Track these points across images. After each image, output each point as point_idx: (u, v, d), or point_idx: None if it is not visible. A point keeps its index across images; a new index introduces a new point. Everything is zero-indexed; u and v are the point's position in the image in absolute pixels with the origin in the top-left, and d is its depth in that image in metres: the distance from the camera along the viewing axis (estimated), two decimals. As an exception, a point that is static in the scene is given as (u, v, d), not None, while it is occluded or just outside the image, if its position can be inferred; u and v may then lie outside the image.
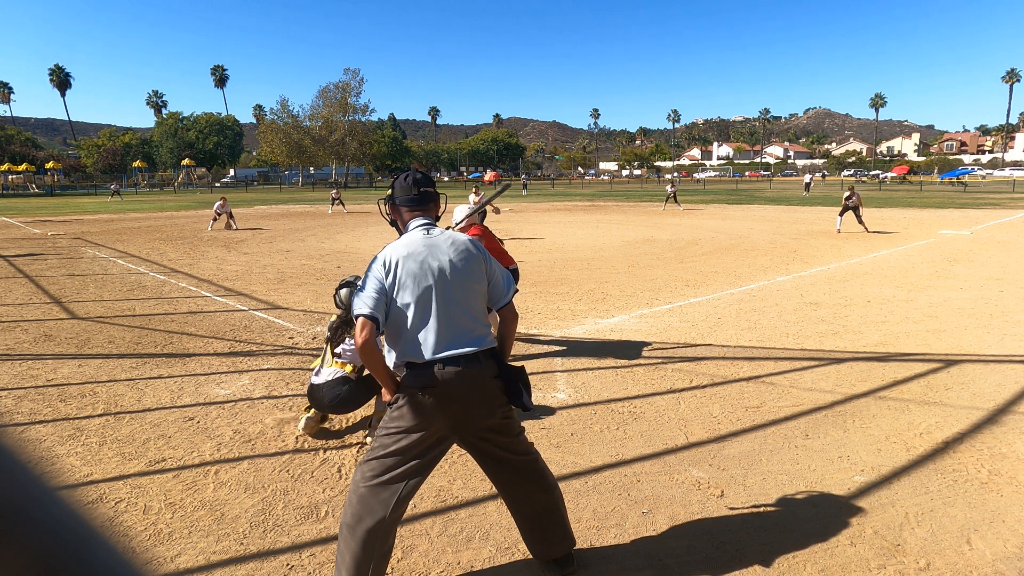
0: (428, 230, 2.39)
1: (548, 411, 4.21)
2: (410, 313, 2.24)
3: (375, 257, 2.33)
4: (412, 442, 2.23)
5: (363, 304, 2.24)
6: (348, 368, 3.76)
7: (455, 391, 2.22)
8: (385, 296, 2.26)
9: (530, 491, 2.43)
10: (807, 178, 43.16)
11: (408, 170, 2.52)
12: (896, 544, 2.66)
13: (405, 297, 2.25)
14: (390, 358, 2.32)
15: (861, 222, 15.47)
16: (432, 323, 2.25)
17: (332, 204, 28.34)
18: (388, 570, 2.52)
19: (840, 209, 15.92)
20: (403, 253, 2.29)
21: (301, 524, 2.88)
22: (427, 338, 2.24)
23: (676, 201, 27.38)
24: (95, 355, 5.58)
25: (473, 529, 2.83)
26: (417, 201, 2.43)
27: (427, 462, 2.28)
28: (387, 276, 2.27)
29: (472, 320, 2.31)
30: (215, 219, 18.92)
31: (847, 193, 15.60)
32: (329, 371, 3.76)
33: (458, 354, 2.24)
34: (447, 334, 2.25)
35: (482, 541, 2.74)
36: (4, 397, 4.51)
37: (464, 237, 2.42)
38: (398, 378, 2.33)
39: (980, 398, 4.33)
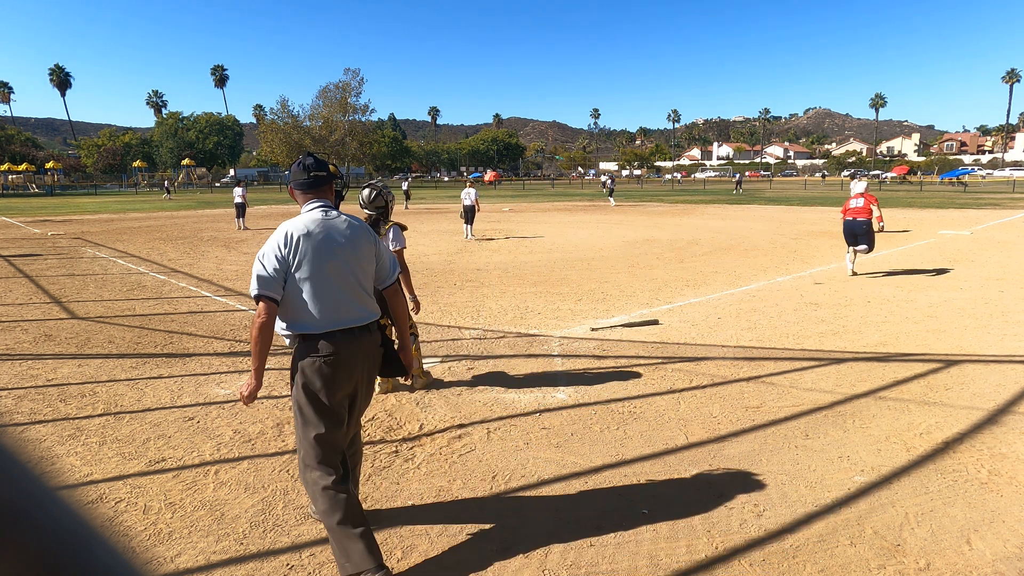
0: (326, 211, 2.57)
1: (548, 411, 4.21)
2: (308, 287, 2.42)
3: (276, 232, 2.47)
4: (327, 411, 2.43)
5: (263, 285, 2.39)
6: None
7: (350, 358, 2.45)
8: (284, 274, 2.41)
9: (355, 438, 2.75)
10: (736, 176, 45.76)
11: (303, 156, 2.66)
12: (896, 544, 2.66)
13: (304, 272, 2.41)
14: (280, 327, 2.49)
15: None
16: (329, 297, 2.44)
17: (407, 200, 28.89)
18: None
19: None
20: (303, 231, 2.45)
21: (301, 524, 2.88)
22: (325, 310, 2.43)
23: (610, 195, 30.21)
24: (95, 355, 5.58)
25: (473, 529, 2.83)
26: (310, 185, 2.60)
27: (341, 418, 2.50)
28: (288, 252, 2.42)
29: (365, 294, 2.57)
30: (240, 201, 18.78)
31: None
32: None
33: (353, 325, 2.47)
34: (343, 307, 2.47)
35: (482, 541, 2.74)
36: (4, 397, 4.51)
37: (360, 221, 2.64)
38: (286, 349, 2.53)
39: (980, 398, 4.33)
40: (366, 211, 4.47)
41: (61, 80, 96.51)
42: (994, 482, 3.17)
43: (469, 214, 15.37)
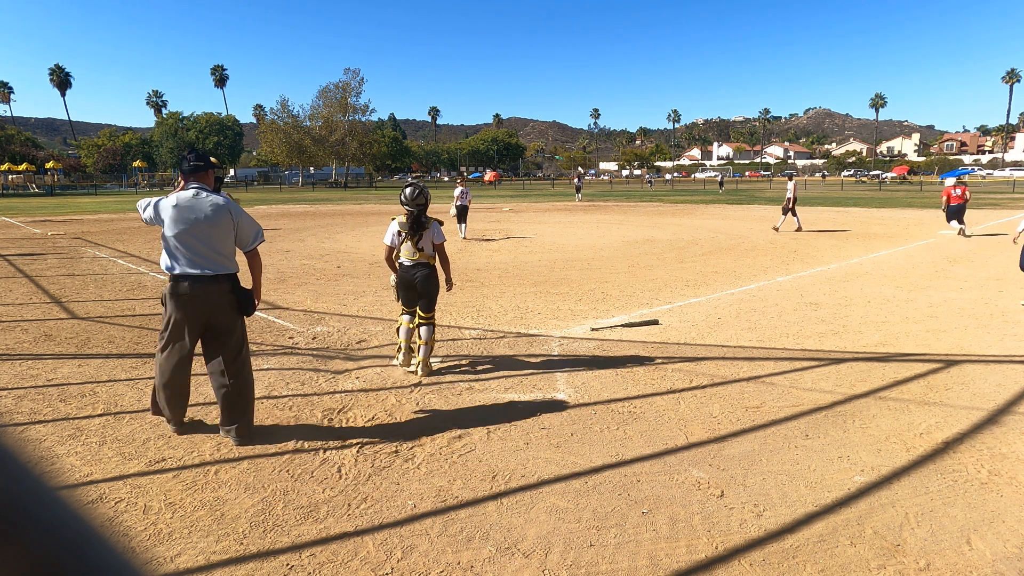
0: (198, 193, 3.64)
1: (548, 411, 4.21)
2: (172, 243, 3.55)
3: (162, 200, 3.60)
4: (177, 324, 3.59)
5: (142, 207, 3.68)
6: (429, 259, 4.99)
7: (196, 296, 3.56)
8: (152, 221, 3.63)
9: (228, 370, 3.69)
10: (720, 176, 49.90)
11: (187, 151, 3.74)
12: (896, 544, 2.66)
13: (169, 232, 3.55)
14: (162, 266, 3.61)
15: (795, 215, 15.90)
16: (185, 251, 3.55)
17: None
18: (388, 570, 2.53)
19: (784, 207, 16.01)
20: (173, 203, 3.58)
21: (301, 524, 2.88)
22: (181, 260, 3.56)
23: (577, 192, 32.96)
24: (95, 355, 5.58)
25: (473, 529, 2.83)
26: (190, 172, 3.70)
27: (189, 339, 3.63)
28: (161, 216, 3.57)
29: (216, 254, 3.60)
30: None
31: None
32: (414, 260, 4.96)
33: (201, 274, 3.56)
34: (195, 259, 3.55)
35: (482, 541, 2.74)
36: (4, 397, 4.51)
37: (223, 201, 3.65)
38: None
39: (980, 398, 4.33)
40: (407, 207, 4.93)
41: (61, 80, 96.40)
42: (994, 482, 3.17)
43: (462, 213, 15.32)
